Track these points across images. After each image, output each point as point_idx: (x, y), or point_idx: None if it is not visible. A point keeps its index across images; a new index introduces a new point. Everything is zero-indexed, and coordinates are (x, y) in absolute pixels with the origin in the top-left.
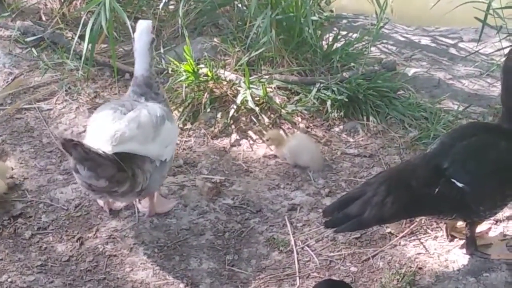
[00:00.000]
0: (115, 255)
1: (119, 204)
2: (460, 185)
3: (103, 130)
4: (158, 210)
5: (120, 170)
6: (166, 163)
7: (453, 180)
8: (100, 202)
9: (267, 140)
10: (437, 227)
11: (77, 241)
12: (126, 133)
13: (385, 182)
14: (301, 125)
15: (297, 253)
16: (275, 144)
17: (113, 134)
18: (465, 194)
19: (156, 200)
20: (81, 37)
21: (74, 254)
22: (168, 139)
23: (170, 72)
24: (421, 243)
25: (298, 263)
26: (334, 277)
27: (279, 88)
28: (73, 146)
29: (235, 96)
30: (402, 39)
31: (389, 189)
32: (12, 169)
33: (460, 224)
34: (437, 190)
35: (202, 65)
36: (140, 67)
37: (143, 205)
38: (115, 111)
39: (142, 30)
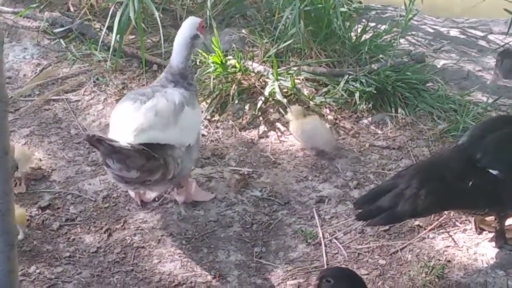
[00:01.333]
0: (143, 247)
1: (150, 196)
2: (494, 172)
3: (123, 122)
4: (197, 198)
5: (150, 159)
6: (192, 147)
7: (487, 170)
8: (132, 194)
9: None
10: (465, 220)
11: (105, 233)
12: (145, 123)
13: (418, 175)
14: (329, 117)
15: (325, 246)
16: (294, 119)
17: (133, 126)
18: (499, 183)
19: (194, 189)
20: (109, 28)
21: (102, 246)
22: (189, 124)
23: (198, 63)
24: (450, 236)
25: (326, 256)
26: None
27: (307, 79)
28: (97, 141)
29: (263, 87)
30: (431, 30)
31: (422, 181)
32: (41, 160)
33: (490, 217)
34: (471, 182)
35: (230, 57)
36: (175, 58)
37: (179, 193)
38: (135, 101)
39: (185, 24)
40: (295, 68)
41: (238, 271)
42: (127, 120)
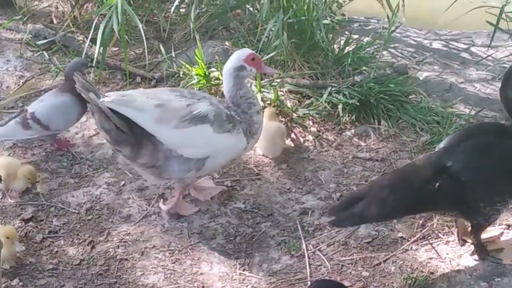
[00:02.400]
0: (126, 259)
1: (165, 207)
2: (462, 179)
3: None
4: (179, 211)
5: (117, 128)
6: (190, 160)
7: (455, 176)
8: (163, 207)
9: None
10: (448, 232)
11: (88, 245)
12: (136, 102)
13: (389, 182)
14: (312, 129)
15: (309, 257)
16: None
17: (123, 95)
18: (466, 189)
19: (179, 201)
20: (93, 40)
21: (85, 258)
22: (197, 140)
23: (181, 75)
24: (433, 247)
25: (310, 267)
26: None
27: (290, 91)
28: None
29: None
30: (414, 42)
31: (391, 187)
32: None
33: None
34: (437, 184)
35: (213, 69)
36: (224, 87)
37: (165, 203)
38: (174, 91)
39: (234, 55)
40: (278, 80)
41: (222, 283)
42: (140, 93)
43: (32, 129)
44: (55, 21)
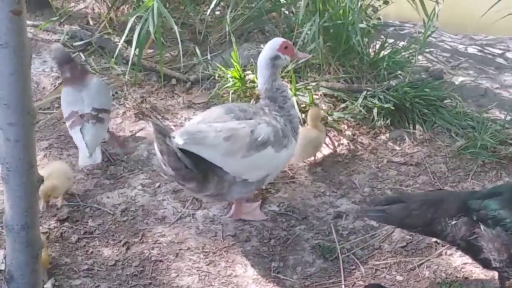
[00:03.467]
0: (161, 260)
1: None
2: (482, 227)
3: (194, 124)
4: (248, 217)
5: (188, 167)
6: (252, 183)
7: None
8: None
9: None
10: None
11: (123, 246)
12: (209, 138)
13: (423, 199)
14: (347, 133)
15: (343, 261)
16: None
17: (194, 132)
18: (480, 242)
19: (247, 206)
20: (128, 42)
21: (120, 259)
22: (260, 164)
23: (217, 78)
24: None
25: (344, 271)
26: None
27: (325, 95)
28: (153, 124)
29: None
30: (449, 47)
31: (421, 205)
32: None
33: None
34: (455, 222)
35: (248, 71)
36: (260, 80)
37: (232, 214)
38: (228, 113)
39: (267, 45)
40: (313, 84)
41: (256, 286)
42: (200, 124)
43: (105, 119)
44: (91, 22)
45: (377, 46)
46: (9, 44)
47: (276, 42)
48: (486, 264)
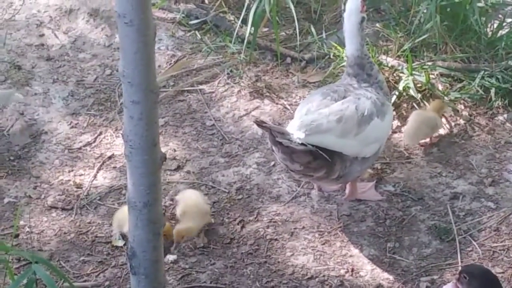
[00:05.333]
0: (276, 239)
1: (331, 187)
2: None
3: (304, 116)
4: (364, 197)
5: (317, 158)
6: (368, 158)
7: None
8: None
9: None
10: None
11: (238, 224)
12: (323, 125)
13: None
14: (464, 113)
15: (459, 243)
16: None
17: (309, 123)
18: None
19: (362, 185)
20: (244, 21)
21: (236, 237)
22: (372, 137)
23: (332, 57)
24: None
25: (460, 253)
26: (496, 268)
27: (441, 75)
28: (264, 128)
29: (397, 82)
30: None
31: None
32: (175, 150)
33: None
34: None
35: None
36: (350, 47)
37: (347, 196)
38: (325, 97)
39: (351, 10)
40: (429, 63)
41: (371, 266)
42: (308, 115)
43: None
44: (206, 1)
45: (495, 26)
46: (133, 22)
47: (358, 3)
48: None
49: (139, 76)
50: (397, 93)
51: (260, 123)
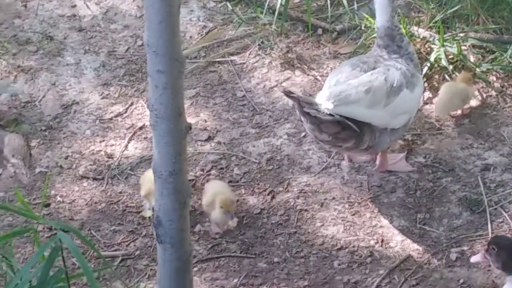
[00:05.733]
0: (306, 210)
1: (361, 158)
2: None
3: (333, 87)
4: (394, 168)
5: (345, 129)
6: (398, 129)
7: None
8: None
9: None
10: None
11: (268, 195)
12: (352, 95)
13: None
14: (496, 84)
15: (490, 214)
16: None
17: (337, 94)
18: None
19: (392, 157)
20: None
21: (266, 207)
22: (401, 108)
23: (363, 28)
24: None
25: (491, 224)
26: None
27: (473, 46)
28: (292, 98)
29: (429, 54)
30: None
31: None
32: (206, 121)
33: None
34: None
35: None
36: (380, 18)
37: (378, 167)
38: (354, 68)
39: None
40: (461, 35)
41: (401, 237)
42: (337, 85)
43: None
44: None
45: None
46: None
47: None
48: None
49: (164, 45)
50: (428, 64)
51: (288, 93)
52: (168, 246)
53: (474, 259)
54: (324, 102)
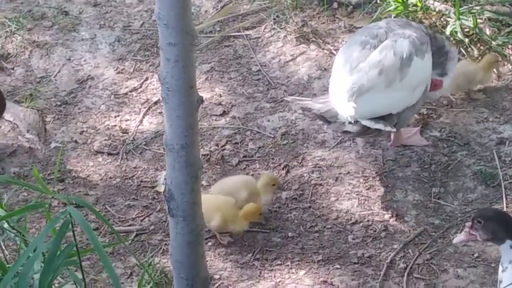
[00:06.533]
0: (320, 184)
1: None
2: None
3: (342, 83)
4: (409, 142)
5: (367, 130)
6: (417, 102)
7: None
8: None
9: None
10: None
11: (283, 169)
12: (364, 86)
13: None
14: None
15: (505, 188)
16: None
17: (348, 88)
18: None
19: (407, 131)
20: None
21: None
22: (416, 78)
23: (378, 1)
24: None
25: (506, 198)
26: None
27: (489, 19)
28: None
29: (444, 27)
30: None
31: None
32: (220, 95)
33: None
34: None
35: None
36: None
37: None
38: (364, 46)
39: None
40: (477, 8)
41: (416, 211)
42: (347, 78)
43: None
44: None
45: None
46: None
47: None
48: None
49: (175, 18)
50: (444, 37)
51: (306, 110)
52: (180, 220)
53: (457, 239)
54: (345, 110)
